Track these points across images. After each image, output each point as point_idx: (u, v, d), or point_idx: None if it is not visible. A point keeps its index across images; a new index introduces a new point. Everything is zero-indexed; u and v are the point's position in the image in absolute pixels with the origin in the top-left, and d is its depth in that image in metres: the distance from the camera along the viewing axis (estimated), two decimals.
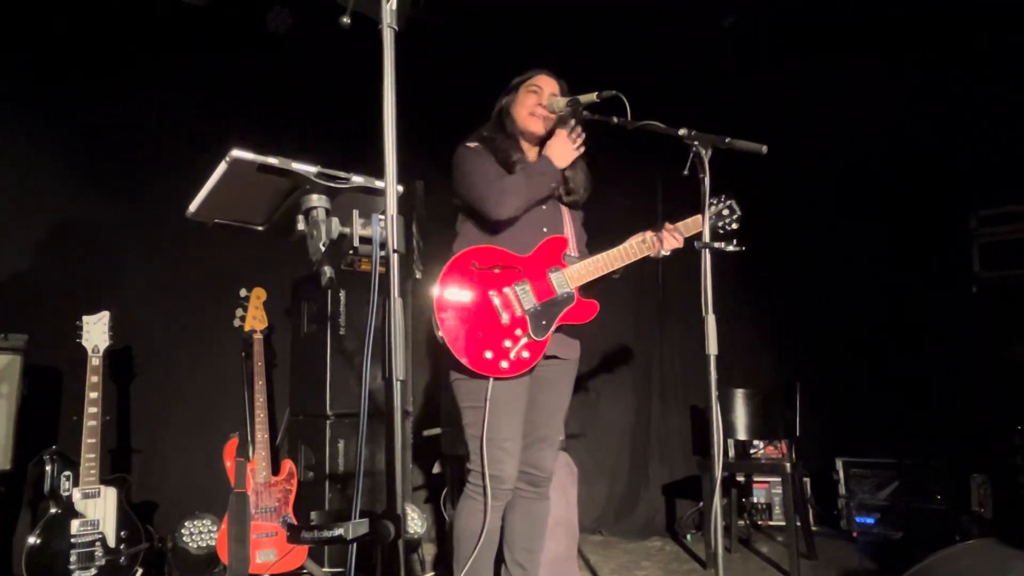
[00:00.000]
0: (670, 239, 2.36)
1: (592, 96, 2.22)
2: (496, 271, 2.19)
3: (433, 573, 3.31)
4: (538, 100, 2.33)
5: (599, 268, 2.29)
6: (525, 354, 2.16)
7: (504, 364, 2.13)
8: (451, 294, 2.13)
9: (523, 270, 2.22)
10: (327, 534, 1.06)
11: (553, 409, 2.35)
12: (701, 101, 4.22)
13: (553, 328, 2.21)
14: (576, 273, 2.26)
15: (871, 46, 4.08)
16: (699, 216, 2.31)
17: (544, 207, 2.34)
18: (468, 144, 2.34)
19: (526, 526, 2.31)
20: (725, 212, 2.45)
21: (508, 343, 2.14)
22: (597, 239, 2.54)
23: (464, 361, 2.10)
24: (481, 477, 2.12)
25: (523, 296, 2.19)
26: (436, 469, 3.69)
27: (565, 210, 2.41)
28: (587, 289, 2.30)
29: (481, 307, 2.15)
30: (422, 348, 3.92)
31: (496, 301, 2.16)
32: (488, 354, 2.11)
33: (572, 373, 2.40)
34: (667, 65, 4.34)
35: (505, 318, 2.15)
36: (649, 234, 2.35)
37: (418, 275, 3.61)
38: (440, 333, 2.09)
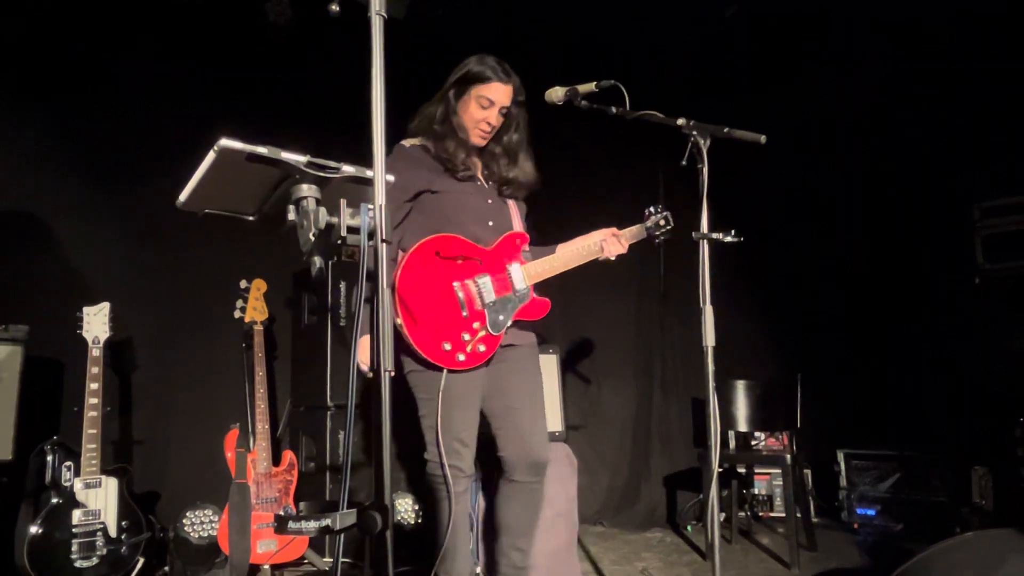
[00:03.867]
0: (615, 245, 2.39)
1: (591, 86, 2.22)
2: (459, 261, 2.17)
3: None
4: (487, 118, 2.24)
5: (555, 268, 2.30)
6: (481, 348, 2.15)
7: (461, 357, 2.11)
8: (413, 282, 2.09)
9: (484, 263, 2.21)
10: (314, 524, 1.06)
11: (527, 390, 2.31)
12: (702, 94, 4.19)
13: (509, 324, 2.21)
14: (534, 271, 2.26)
15: (872, 40, 4.04)
16: (641, 226, 2.46)
17: (490, 200, 2.31)
18: (405, 143, 2.27)
19: (528, 514, 2.31)
20: (662, 222, 2.50)
21: (467, 336, 2.13)
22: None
23: (419, 351, 2.06)
24: (440, 468, 2.11)
25: (483, 289, 2.18)
26: None
27: (512, 204, 2.39)
28: (540, 286, 2.30)
29: (443, 297, 2.13)
30: None
31: (459, 293, 2.14)
32: (446, 345, 2.10)
33: (533, 357, 2.37)
34: (668, 57, 4.31)
35: (465, 311, 2.14)
36: (602, 238, 2.37)
37: None
38: (399, 321, 2.05)
